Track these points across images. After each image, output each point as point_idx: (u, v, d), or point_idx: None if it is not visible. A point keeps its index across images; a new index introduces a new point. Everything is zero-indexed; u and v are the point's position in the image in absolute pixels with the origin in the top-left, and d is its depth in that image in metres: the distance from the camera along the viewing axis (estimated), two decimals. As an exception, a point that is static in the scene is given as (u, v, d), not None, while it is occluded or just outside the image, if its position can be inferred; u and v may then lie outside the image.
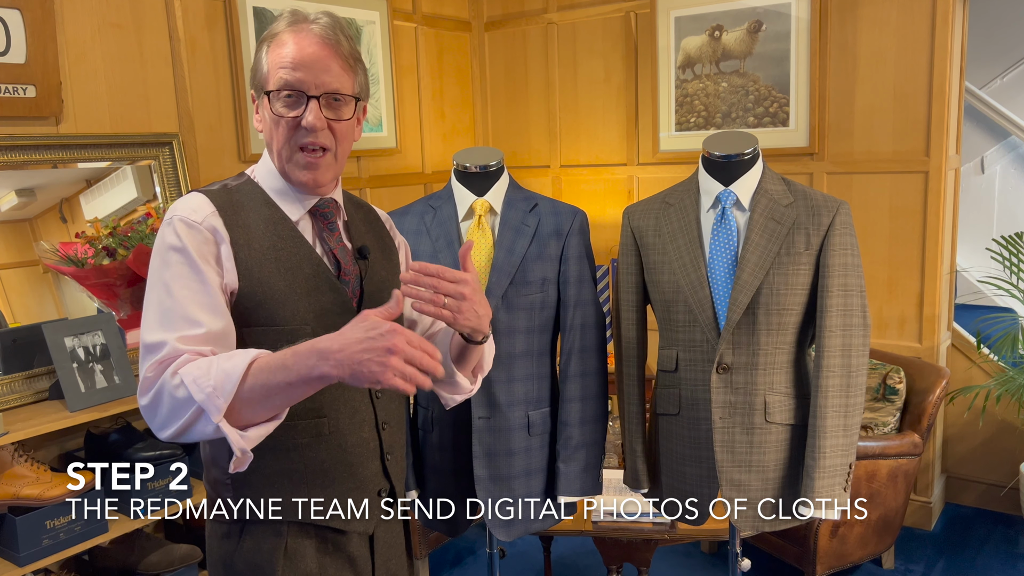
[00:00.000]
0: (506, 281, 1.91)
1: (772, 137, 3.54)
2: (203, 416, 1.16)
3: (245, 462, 1.21)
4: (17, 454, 2.25)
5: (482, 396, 1.94)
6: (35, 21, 2.47)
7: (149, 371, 1.22)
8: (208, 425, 1.16)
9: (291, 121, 1.32)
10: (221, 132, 3.09)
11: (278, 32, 1.33)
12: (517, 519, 2.02)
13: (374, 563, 1.48)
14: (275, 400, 1.17)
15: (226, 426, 1.16)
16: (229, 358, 1.19)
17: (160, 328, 1.24)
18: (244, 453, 1.19)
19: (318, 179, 1.37)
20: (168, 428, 1.20)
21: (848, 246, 1.85)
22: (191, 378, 1.17)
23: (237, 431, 1.17)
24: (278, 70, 1.31)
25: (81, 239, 2.58)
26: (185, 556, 2.56)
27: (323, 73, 1.32)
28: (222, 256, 1.30)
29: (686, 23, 3.69)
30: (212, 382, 1.16)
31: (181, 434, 1.20)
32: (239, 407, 1.17)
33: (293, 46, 1.31)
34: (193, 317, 1.25)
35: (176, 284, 1.27)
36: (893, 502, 2.95)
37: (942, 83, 3.21)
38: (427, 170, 4.10)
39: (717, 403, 1.89)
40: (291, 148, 1.34)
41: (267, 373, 1.16)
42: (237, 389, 1.15)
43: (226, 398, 1.15)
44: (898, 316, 3.44)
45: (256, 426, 1.20)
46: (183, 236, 1.28)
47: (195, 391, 1.16)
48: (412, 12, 3.96)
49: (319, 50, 1.32)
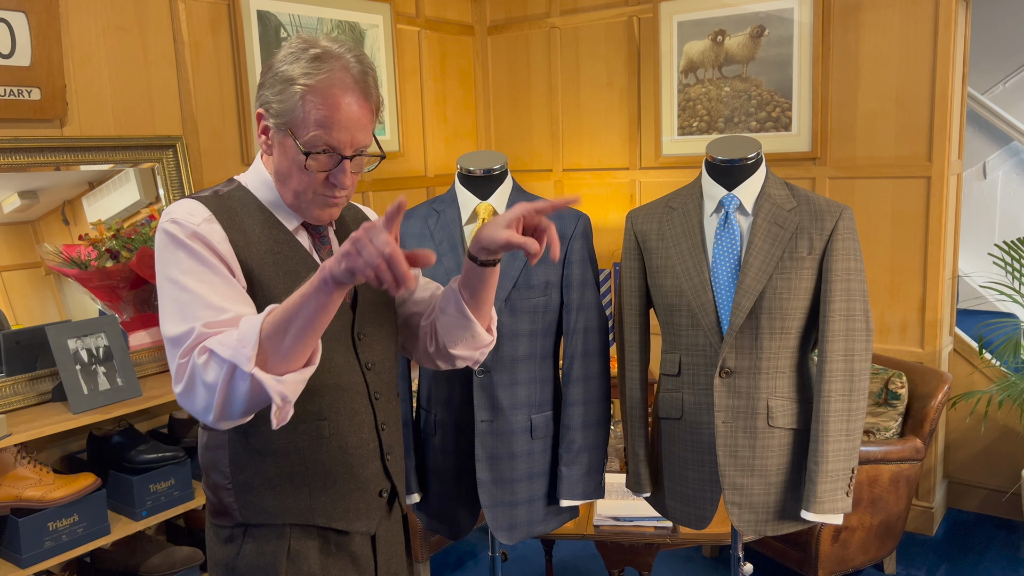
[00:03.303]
0: (509, 285, 1.91)
1: (774, 142, 3.55)
2: (236, 373, 1.15)
3: (287, 412, 1.19)
4: (20, 456, 2.25)
5: (485, 399, 1.94)
6: (40, 24, 2.47)
7: (180, 357, 1.21)
8: (243, 381, 1.15)
9: (320, 175, 1.33)
10: (224, 135, 3.10)
11: (315, 84, 1.29)
12: (519, 522, 2.02)
13: (376, 562, 1.49)
14: (296, 323, 1.16)
15: (260, 373, 1.15)
16: (247, 319, 1.19)
17: (184, 320, 1.23)
18: (284, 400, 1.18)
19: (333, 216, 1.40)
20: (210, 408, 1.19)
21: (851, 251, 1.85)
22: (215, 344, 1.18)
23: (272, 376, 1.16)
24: (316, 127, 1.29)
25: (84, 241, 2.59)
26: (187, 559, 2.56)
27: (359, 132, 1.33)
28: (225, 255, 1.30)
29: (689, 28, 3.70)
30: (235, 336, 1.16)
31: (223, 407, 1.18)
32: (267, 352, 1.16)
33: (335, 107, 1.29)
34: (216, 305, 1.25)
35: (190, 279, 1.26)
36: (895, 507, 2.94)
37: (944, 88, 3.22)
38: (429, 173, 4.11)
39: (720, 407, 1.89)
40: (312, 192, 1.35)
41: (284, 303, 1.17)
42: (259, 333, 1.15)
43: (252, 345, 1.15)
44: (900, 321, 3.44)
45: (291, 373, 1.19)
46: (185, 236, 1.28)
47: (222, 351, 1.16)
48: (415, 16, 3.97)
49: (358, 109, 1.31)
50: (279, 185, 1.38)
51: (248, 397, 1.17)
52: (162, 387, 2.57)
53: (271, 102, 1.33)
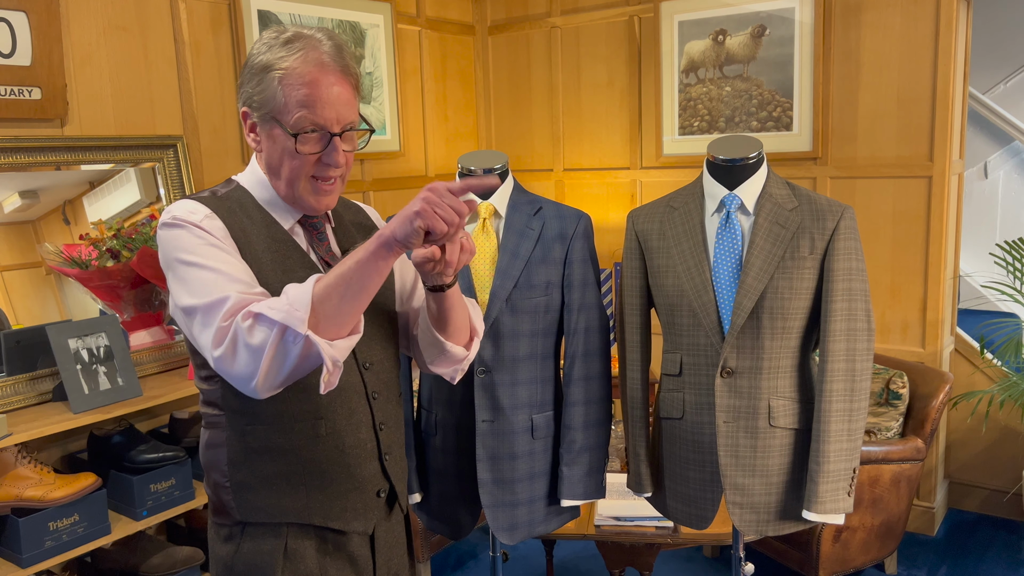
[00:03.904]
0: (510, 284, 1.91)
1: (775, 141, 3.55)
2: (287, 335, 1.15)
3: (336, 375, 1.20)
4: (20, 455, 2.25)
5: (486, 399, 1.94)
6: (41, 24, 2.47)
7: (221, 321, 1.20)
8: (295, 345, 1.16)
9: (312, 156, 1.33)
10: (225, 135, 3.10)
11: (291, 65, 1.29)
12: (520, 523, 2.02)
13: (375, 563, 1.49)
14: (351, 288, 1.17)
15: (314, 336, 1.15)
16: (294, 285, 1.19)
17: (210, 292, 1.22)
18: (335, 364, 1.18)
19: (330, 204, 1.39)
20: (255, 372, 1.18)
21: (852, 251, 1.85)
22: (264, 306, 1.17)
23: (326, 341, 1.17)
24: (299, 108, 1.29)
25: (85, 241, 2.59)
26: (187, 558, 2.56)
27: (343, 107, 1.32)
28: (229, 246, 1.31)
29: (689, 27, 3.70)
30: (286, 299, 1.17)
31: (269, 371, 1.18)
32: (319, 316, 1.16)
33: (315, 84, 1.29)
34: (241, 278, 1.25)
35: (203, 257, 1.25)
36: (896, 507, 2.94)
37: (946, 88, 3.22)
38: (430, 173, 4.10)
39: (721, 407, 1.89)
40: (306, 178, 1.34)
41: (336, 268, 1.18)
42: (312, 296, 1.16)
43: (305, 308, 1.15)
44: (901, 321, 3.44)
45: (340, 339, 1.20)
46: (190, 227, 1.29)
47: (273, 314, 1.16)
48: (416, 16, 3.97)
49: (338, 84, 1.31)
50: (272, 179, 1.38)
51: (298, 360, 1.17)
52: (163, 387, 2.57)
53: (252, 95, 1.33)
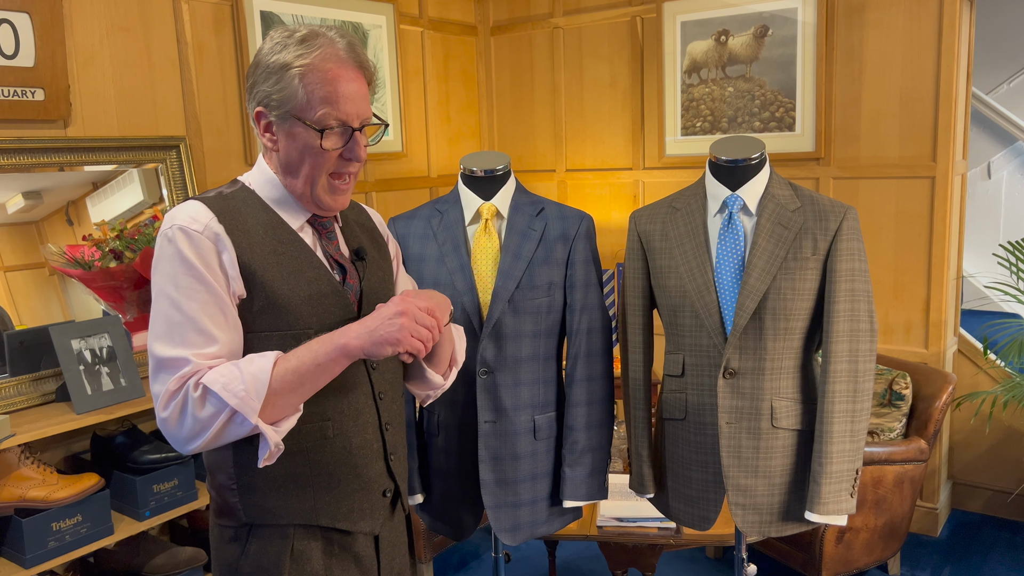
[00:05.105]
0: (512, 285, 1.91)
1: (778, 142, 3.54)
2: (235, 419, 1.22)
3: (276, 455, 1.28)
4: (24, 456, 2.25)
5: (488, 400, 1.94)
6: (44, 25, 2.48)
7: (172, 384, 1.24)
8: (242, 427, 1.23)
9: (334, 152, 1.34)
10: (228, 135, 3.10)
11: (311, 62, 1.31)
12: (522, 523, 2.02)
13: (380, 562, 1.49)
14: (305, 387, 1.26)
15: (263, 425, 1.23)
16: (251, 362, 1.25)
17: (173, 343, 1.26)
18: (278, 447, 1.27)
19: (344, 204, 1.42)
20: (196, 439, 1.24)
21: (855, 251, 1.85)
22: (220, 385, 1.22)
23: (271, 427, 1.25)
24: (323, 105, 1.31)
25: (88, 242, 2.59)
26: (190, 559, 2.56)
27: (362, 102, 1.35)
28: (226, 264, 1.30)
29: (692, 28, 3.70)
30: (243, 386, 1.22)
31: (211, 442, 1.25)
32: (270, 404, 1.24)
33: (336, 80, 1.31)
34: (207, 331, 1.27)
35: (184, 297, 1.27)
36: (899, 508, 2.94)
37: (949, 88, 3.21)
38: (433, 174, 4.11)
39: (724, 408, 1.88)
40: (326, 176, 1.36)
41: (295, 361, 1.25)
42: (268, 388, 1.23)
43: (259, 398, 1.22)
44: (904, 321, 3.43)
45: (284, 420, 1.28)
46: (184, 247, 1.28)
47: (227, 396, 1.21)
48: (418, 16, 3.97)
49: (356, 81, 1.34)
50: (287, 178, 1.38)
51: (235, 438, 1.26)
52: (165, 387, 2.57)
53: (270, 95, 1.33)
